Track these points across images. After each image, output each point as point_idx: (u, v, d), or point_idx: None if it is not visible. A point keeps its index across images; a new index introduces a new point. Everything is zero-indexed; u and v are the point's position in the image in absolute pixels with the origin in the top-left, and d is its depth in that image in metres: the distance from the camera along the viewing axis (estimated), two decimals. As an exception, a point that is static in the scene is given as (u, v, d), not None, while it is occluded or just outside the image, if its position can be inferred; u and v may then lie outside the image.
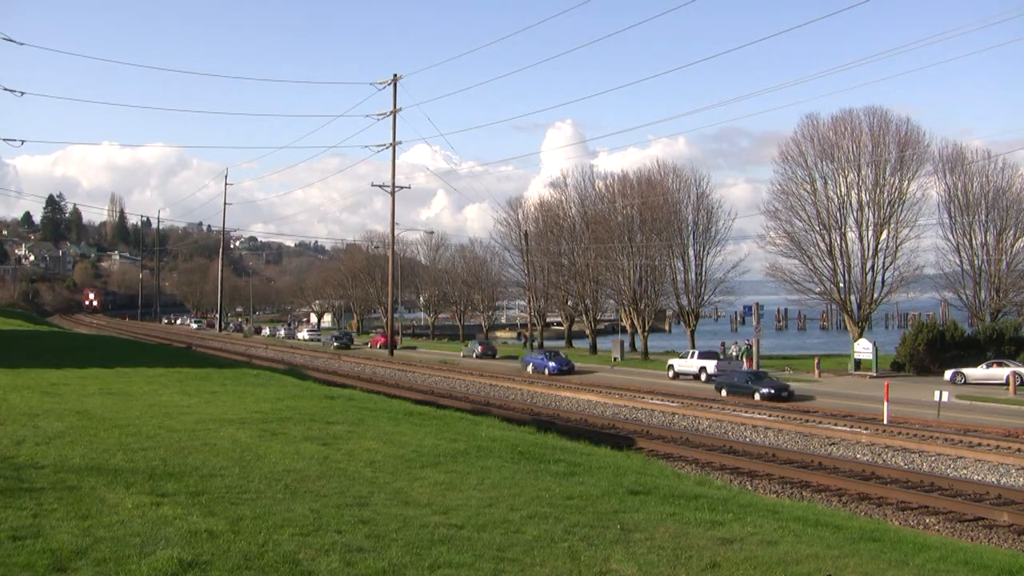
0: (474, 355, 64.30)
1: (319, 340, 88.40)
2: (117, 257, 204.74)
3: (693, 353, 48.79)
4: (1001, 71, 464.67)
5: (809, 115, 75.11)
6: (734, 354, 55.45)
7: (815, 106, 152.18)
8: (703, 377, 45.25)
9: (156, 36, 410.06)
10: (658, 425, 28.96)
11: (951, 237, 53.55)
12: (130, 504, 8.35)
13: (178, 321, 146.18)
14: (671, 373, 47.98)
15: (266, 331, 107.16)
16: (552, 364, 50.99)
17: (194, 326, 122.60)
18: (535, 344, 75.28)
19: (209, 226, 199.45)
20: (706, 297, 67.41)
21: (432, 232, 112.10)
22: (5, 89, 53.37)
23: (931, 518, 16.26)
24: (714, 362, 45.96)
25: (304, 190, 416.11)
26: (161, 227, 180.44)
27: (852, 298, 54.43)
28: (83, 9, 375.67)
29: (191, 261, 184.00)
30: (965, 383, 41.53)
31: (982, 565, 8.50)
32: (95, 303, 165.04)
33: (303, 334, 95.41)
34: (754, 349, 49.56)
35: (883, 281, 53.93)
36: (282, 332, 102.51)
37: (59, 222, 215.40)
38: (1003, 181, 52.75)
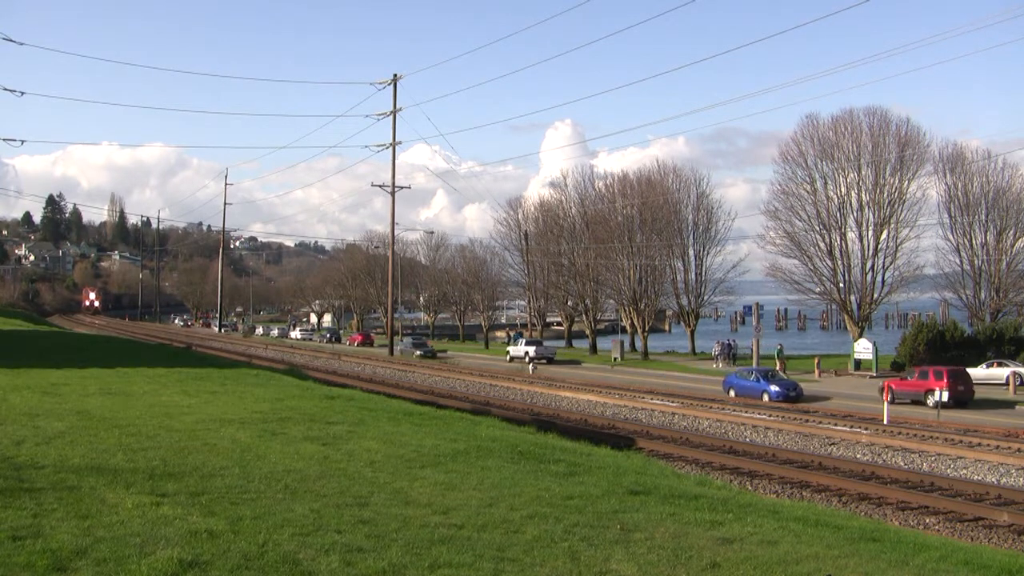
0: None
1: (311, 339, 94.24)
2: (117, 257, 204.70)
3: (521, 341, 62.06)
4: (1000, 71, 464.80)
5: (809, 115, 75.38)
6: (717, 352, 55.77)
7: (814, 106, 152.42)
8: (527, 359, 57.06)
9: (156, 36, 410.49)
10: (658, 425, 28.95)
11: (951, 237, 53.57)
12: (130, 504, 8.35)
13: (181, 321, 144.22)
14: (508, 357, 60.01)
15: (260, 330, 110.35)
16: (775, 388, 36.83)
17: (219, 330, 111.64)
18: (522, 342, 73.76)
19: (209, 226, 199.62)
20: (706, 297, 67.50)
21: (432, 232, 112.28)
22: (5, 89, 53.56)
23: (931, 518, 16.24)
24: (534, 347, 58.90)
25: (304, 190, 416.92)
26: (161, 227, 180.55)
27: (852, 298, 54.43)
28: (83, 9, 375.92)
29: (191, 261, 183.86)
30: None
31: (982, 565, 8.50)
32: (96, 303, 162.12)
33: (296, 333, 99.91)
34: (753, 349, 49.57)
35: (883, 281, 53.96)
36: (276, 332, 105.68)
37: (59, 222, 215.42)
38: (1003, 181, 52.76)
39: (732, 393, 38.46)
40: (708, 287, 66.52)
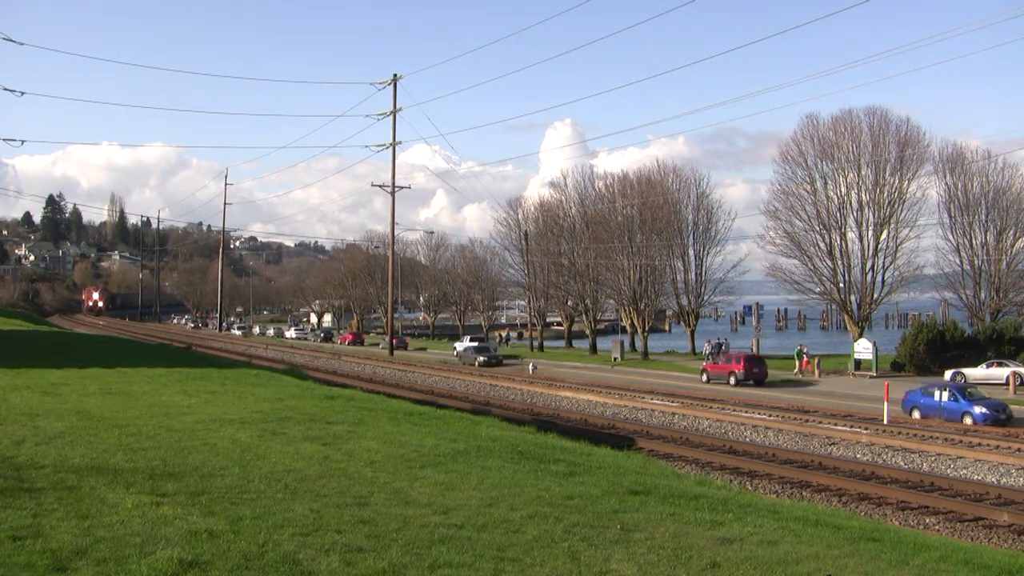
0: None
1: (306, 339, 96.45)
2: (117, 257, 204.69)
3: (466, 339, 68.75)
4: (1000, 71, 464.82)
5: (809, 115, 75.27)
6: (707, 351, 56.04)
7: (814, 106, 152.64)
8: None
9: (157, 36, 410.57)
10: (658, 425, 28.95)
11: (951, 237, 53.54)
12: (130, 504, 8.35)
13: (193, 323, 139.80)
14: (455, 353, 64.45)
15: (256, 330, 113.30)
16: (981, 410, 29.63)
17: (238, 332, 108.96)
18: (467, 339, 71.56)
19: (209, 226, 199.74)
20: (706, 297, 67.46)
21: (432, 232, 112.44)
22: (5, 89, 53.53)
23: (931, 518, 16.24)
24: (476, 343, 64.06)
25: (304, 190, 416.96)
26: (161, 227, 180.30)
27: (852, 298, 54.41)
28: (83, 9, 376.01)
29: (191, 261, 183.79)
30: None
31: (982, 565, 8.50)
32: (100, 303, 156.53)
33: (290, 333, 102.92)
34: (753, 349, 49.56)
35: (883, 281, 53.93)
36: (271, 331, 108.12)
37: (59, 222, 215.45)
38: (1003, 181, 52.72)
39: (916, 415, 31.40)
40: (708, 287, 66.49)
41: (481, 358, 57.45)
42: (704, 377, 45.19)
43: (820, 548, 8.36)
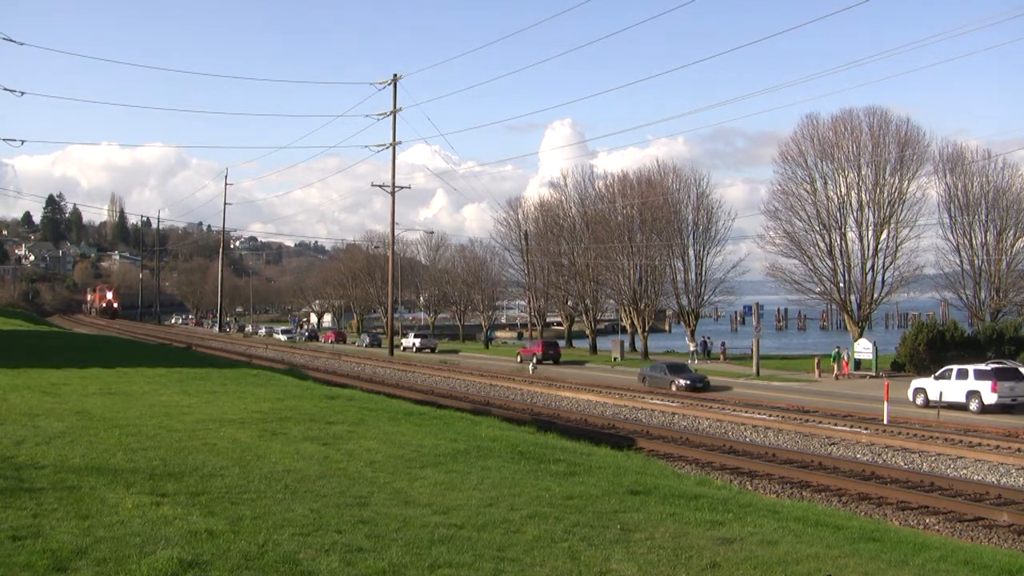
0: (364, 344, 79.45)
1: (293, 339, 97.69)
2: (117, 257, 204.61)
3: (410, 335, 75.04)
4: (999, 72, 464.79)
5: (809, 115, 75.38)
6: (692, 349, 56.03)
7: (813, 106, 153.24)
8: (414, 348, 70.72)
9: (156, 36, 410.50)
10: (658, 425, 28.95)
11: (951, 237, 53.52)
12: (130, 504, 8.36)
13: (214, 324, 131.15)
14: (402, 347, 71.13)
15: (249, 329, 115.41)
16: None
17: (282, 337, 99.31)
18: (412, 334, 75.78)
19: (209, 226, 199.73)
20: (706, 297, 67.41)
21: (432, 232, 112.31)
22: (5, 89, 53.53)
23: (931, 518, 16.23)
24: (420, 339, 72.64)
25: (303, 190, 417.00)
26: (161, 227, 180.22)
27: (852, 298, 54.41)
28: (83, 9, 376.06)
29: (191, 261, 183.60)
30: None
31: (982, 565, 8.50)
32: (115, 304, 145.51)
33: (280, 334, 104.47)
34: (753, 349, 49.52)
35: (883, 281, 53.94)
36: (263, 331, 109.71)
37: (59, 222, 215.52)
38: (1003, 181, 52.72)
39: None
40: (708, 287, 66.43)
41: (681, 381, 40.85)
42: (519, 358, 57.34)
43: (820, 548, 8.36)
